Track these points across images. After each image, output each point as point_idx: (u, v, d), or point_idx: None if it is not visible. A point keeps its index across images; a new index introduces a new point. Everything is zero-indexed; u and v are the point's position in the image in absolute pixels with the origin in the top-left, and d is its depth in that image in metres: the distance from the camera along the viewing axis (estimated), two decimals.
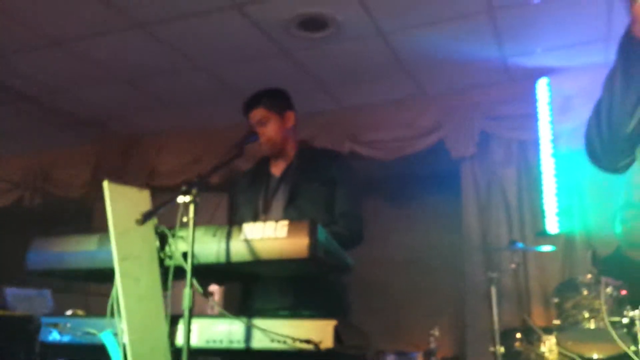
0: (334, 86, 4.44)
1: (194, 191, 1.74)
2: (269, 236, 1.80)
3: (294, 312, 2.10)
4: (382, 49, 3.82)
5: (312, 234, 1.75)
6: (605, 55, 3.76)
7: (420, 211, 5.29)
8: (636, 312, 2.84)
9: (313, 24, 3.50)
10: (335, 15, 3.42)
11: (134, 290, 1.83)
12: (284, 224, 1.79)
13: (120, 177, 5.11)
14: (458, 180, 4.54)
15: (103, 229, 1.90)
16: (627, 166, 1.38)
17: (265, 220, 2.42)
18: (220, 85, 4.37)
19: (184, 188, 1.74)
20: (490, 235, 4.32)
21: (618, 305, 2.92)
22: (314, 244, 1.74)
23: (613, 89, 1.28)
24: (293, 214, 2.37)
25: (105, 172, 4.95)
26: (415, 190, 5.24)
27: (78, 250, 2.05)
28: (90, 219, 5.10)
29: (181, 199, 1.74)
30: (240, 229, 1.85)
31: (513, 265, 3.60)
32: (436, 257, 4.96)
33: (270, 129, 2.49)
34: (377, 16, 3.44)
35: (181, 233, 1.89)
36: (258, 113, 2.50)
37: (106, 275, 1.85)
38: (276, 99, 2.56)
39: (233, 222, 2.60)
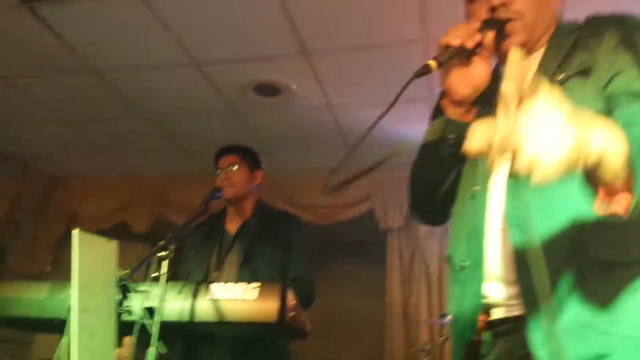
0: (276, 148, 4.56)
1: (172, 247, 1.74)
2: (237, 297, 1.82)
3: None
4: (329, 121, 4.02)
5: (283, 299, 1.79)
6: None
7: (345, 277, 5.40)
8: None
9: (267, 89, 3.63)
10: (290, 84, 3.58)
11: (88, 344, 1.76)
12: (255, 286, 1.82)
13: (40, 217, 4.84)
14: (384, 249, 4.73)
15: (18, 269, 1.84)
16: (444, 221, 1.41)
17: (216, 278, 2.42)
18: (162, 136, 4.35)
19: (162, 242, 1.74)
20: (411, 306, 4.50)
21: None
22: (283, 310, 1.78)
23: (427, 151, 1.32)
24: (247, 274, 2.37)
25: (23, 210, 4.67)
26: (342, 255, 5.37)
27: (26, 297, 1.95)
28: (3, 257, 4.73)
29: (158, 253, 1.74)
30: (207, 288, 1.86)
31: (442, 338, 3.76)
32: (358, 324, 5.04)
33: (237, 175, 2.54)
34: (329, 91, 3.65)
35: (142, 287, 1.86)
36: (231, 158, 2.57)
37: (55, 326, 1.77)
38: (251, 156, 2.66)
39: (176, 276, 2.57)
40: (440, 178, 1.33)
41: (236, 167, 2.55)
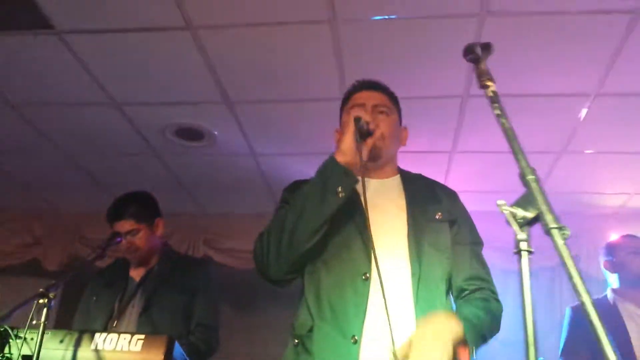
0: (198, 191, 4.55)
1: (52, 295, 1.71)
2: (122, 349, 1.79)
3: None
4: (252, 167, 4.06)
5: (168, 352, 1.77)
6: None
7: (263, 322, 5.35)
8: None
9: (190, 133, 3.65)
10: (212, 129, 3.61)
11: None
12: (139, 338, 1.79)
13: None
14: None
15: None
16: (291, 280, 1.55)
17: (117, 325, 2.36)
18: (79, 172, 4.25)
19: (41, 290, 1.70)
20: None
21: None
22: None
23: (305, 206, 1.46)
24: (148, 322, 2.33)
25: None
26: (260, 300, 5.33)
27: None
28: None
29: (37, 300, 1.70)
30: (91, 338, 1.81)
31: None
32: None
33: (138, 240, 2.45)
34: (252, 139, 3.70)
35: (25, 334, 1.80)
36: (126, 225, 2.43)
37: None
38: (146, 209, 2.53)
39: (80, 321, 2.49)
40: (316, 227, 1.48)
41: (135, 233, 2.43)
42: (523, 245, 0.93)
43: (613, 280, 2.74)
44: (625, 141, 3.59)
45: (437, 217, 1.54)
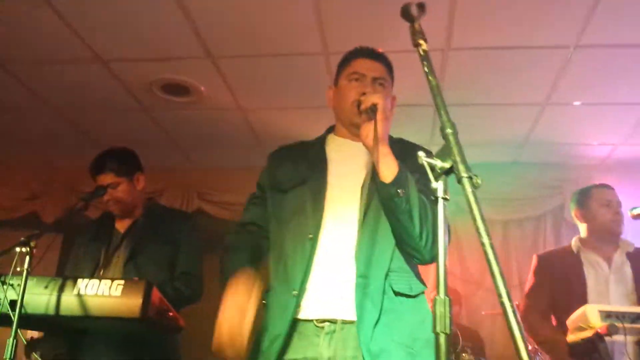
0: (189, 147, 4.63)
1: (32, 243, 1.81)
2: (102, 293, 1.91)
3: None
4: (240, 121, 4.13)
5: (146, 296, 1.88)
6: None
7: None
8: None
9: (176, 89, 3.70)
10: (198, 85, 3.66)
11: None
12: (119, 283, 1.91)
13: None
14: None
15: None
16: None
17: (103, 274, 2.48)
18: (71, 129, 4.33)
19: (23, 239, 1.81)
20: None
21: None
22: (146, 305, 1.88)
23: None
24: (132, 271, 2.42)
25: None
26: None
27: None
28: None
29: (18, 249, 1.81)
30: (74, 283, 1.93)
31: None
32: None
33: (119, 193, 2.53)
34: (238, 94, 3.75)
35: (12, 281, 1.92)
36: (107, 178, 2.51)
37: None
38: (125, 163, 2.59)
39: (69, 272, 2.61)
40: None
41: (116, 186, 2.51)
42: (439, 193, 1.00)
43: (582, 229, 2.80)
44: (609, 92, 3.62)
45: None
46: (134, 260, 2.49)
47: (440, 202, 1.00)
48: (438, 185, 1.01)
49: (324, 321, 1.44)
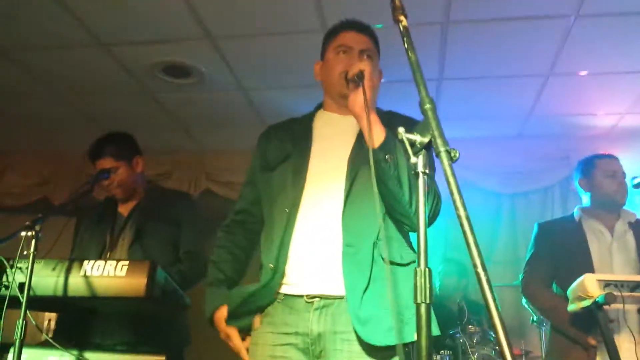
0: (194, 128, 4.66)
1: (37, 227, 1.86)
2: (108, 274, 1.96)
3: (132, 347, 2.23)
4: (242, 101, 4.14)
5: (151, 275, 1.92)
6: None
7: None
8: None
9: (177, 71, 3.71)
10: (199, 66, 3.67)
11: None
12: (124, 264, 1.96)
13: None
14: None
15: None
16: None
17: (109, 257, 2.54)
18: (77, 114, 4.38)
19: (27, 223, 1.86)
20: None
21: None
22: (151, 285, 1.92)
23: None
24: (138, 252, 2.49)
25: None
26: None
27: None
28: None
29: (24, 233, 1.85)
30: (80, 265, 1.98)
31: None
32: None
33: (119, 177, 2.57)
34: (239, 74, 3.76)
35: (20, 264, 1.98)
36: (106, 163, 2.55)
37: None
38: (123, 148, 2.63)
39: (76, 256, 2.67)
40: None
41: (115, 170, 2.55)
42: (419, 168, 1.02)
43: (585, 198, 2.80)
44: (613, 61, 3.57)
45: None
46: (139, 242, 2.55)
47: (421, 176, 1.02)
48: (418, 160, 1.03)
49: (314, 297, 1.47)
